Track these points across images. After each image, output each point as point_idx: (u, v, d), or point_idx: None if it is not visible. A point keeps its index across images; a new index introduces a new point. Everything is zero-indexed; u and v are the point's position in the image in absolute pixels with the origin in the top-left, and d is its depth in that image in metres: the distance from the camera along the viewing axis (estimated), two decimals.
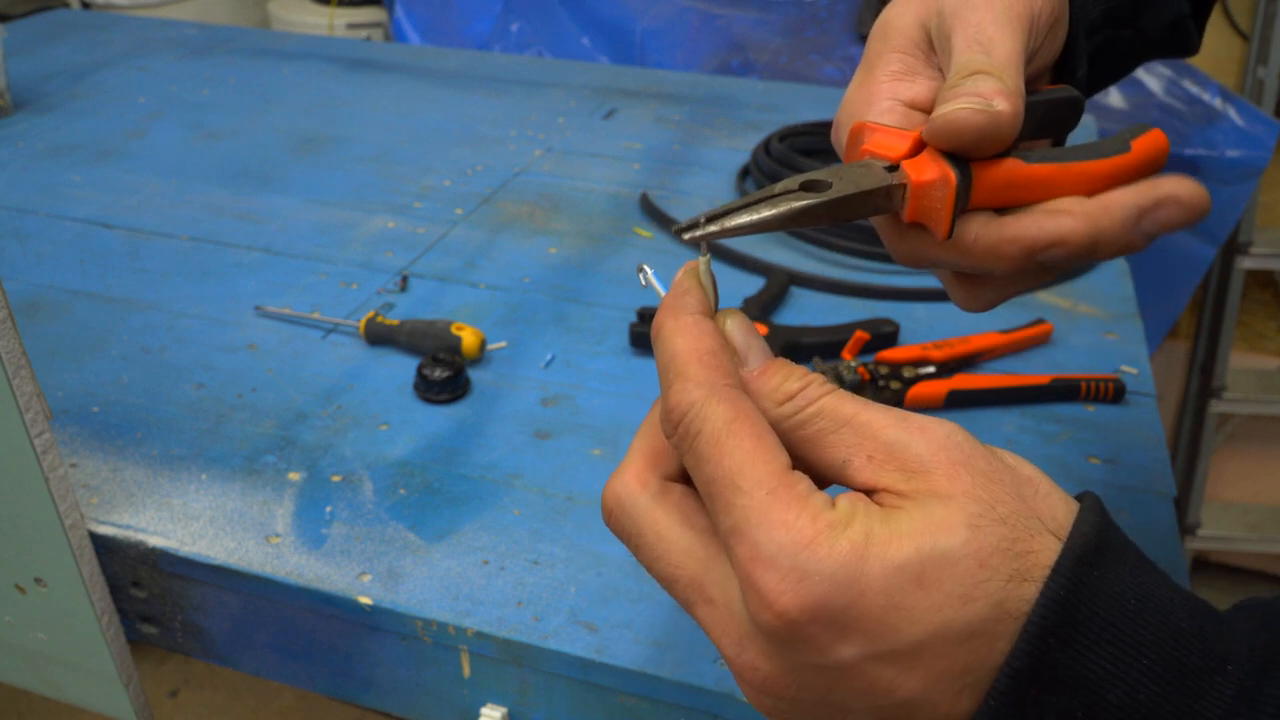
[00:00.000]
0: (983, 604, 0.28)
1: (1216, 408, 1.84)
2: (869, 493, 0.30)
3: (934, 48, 0.42)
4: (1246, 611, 0.30)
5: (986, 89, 0.36)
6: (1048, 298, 0.88)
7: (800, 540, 0.28)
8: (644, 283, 0.36)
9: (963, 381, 0.73)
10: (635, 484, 0.33)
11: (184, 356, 0.78)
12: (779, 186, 0.35)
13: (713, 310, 0.34)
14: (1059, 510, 0.30)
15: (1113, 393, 0.74)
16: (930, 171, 0.37)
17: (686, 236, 0.34)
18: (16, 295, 0.85)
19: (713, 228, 0.34)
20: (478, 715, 0.57)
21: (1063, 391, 0.73)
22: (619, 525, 0.33)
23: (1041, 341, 0.81)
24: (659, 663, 0.52)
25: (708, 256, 0.34)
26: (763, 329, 0.76)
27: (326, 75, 1.41)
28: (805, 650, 0.28)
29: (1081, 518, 0.29)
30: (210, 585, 0.60)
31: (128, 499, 0.63)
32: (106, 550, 0.60)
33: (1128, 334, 0.83)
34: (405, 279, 0.89)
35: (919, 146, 0.37)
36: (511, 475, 0.66)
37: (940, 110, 0.36)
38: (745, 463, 0.29)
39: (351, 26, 2.27)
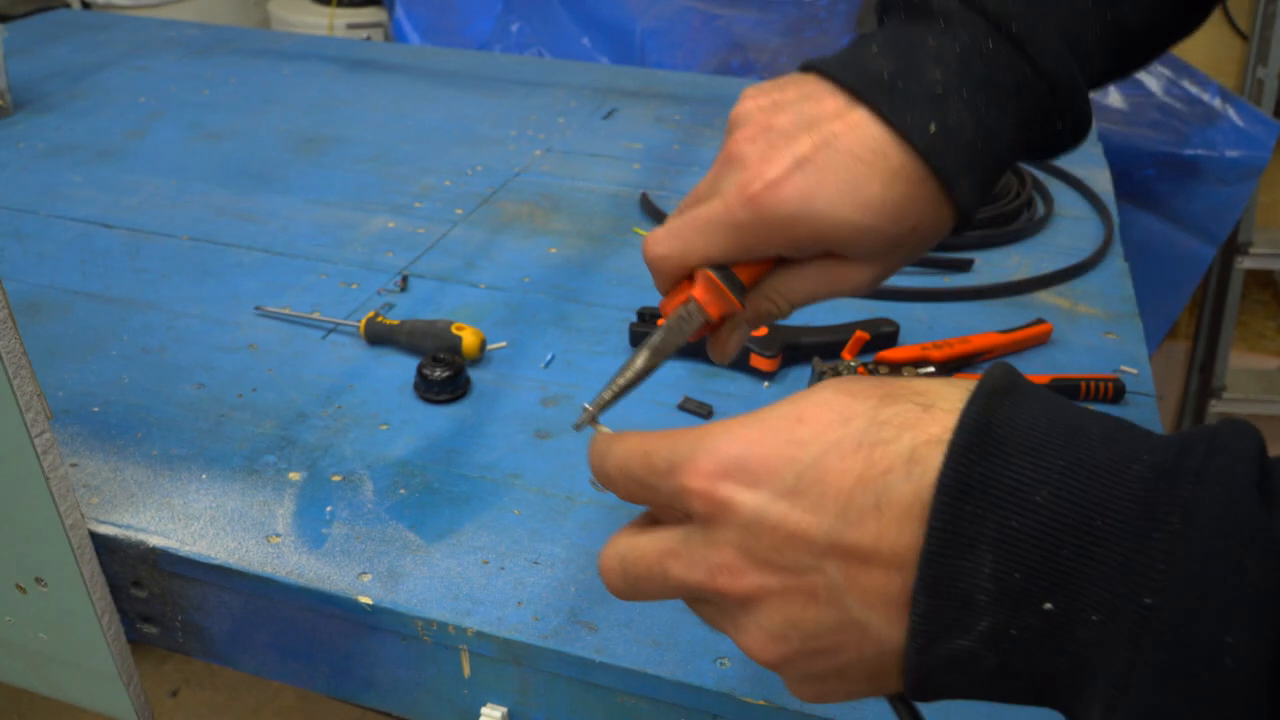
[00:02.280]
0: (862, 420, 0.32)
1: (1216, 408, 1.84)
2: None
3: (812, 249, 0.45)
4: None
5: (757, 324, 0.50)
6: (1048, 298, 0.88)
7: (698, 435, 0.35)
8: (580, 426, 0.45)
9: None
10: (622, 537, 0.39)
11: (184, 356, 0.78)
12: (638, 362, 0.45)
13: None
14: (955, 396, 0.32)
15: (1113, 393, 0.74)
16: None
17: (578, 427, 0.45)
18: (17, 295, 0.85)
19: (593, 409, 0.45)
20: (478, 715, 0.57)
21: (1063, 391, 0.73)
22: (622, 571, 0.38)
23: (1041, 341, 0.81)
24: (659, 663, 0.52)
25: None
26: (763, 330, 0.76)
27: (326, 75, 1.41)
28: (729, 515, 0.33)
29: (989, 371, 0.33)
30: (210, 585, 0.60)
31: (128, 499, 0.63)
32: (107, 550, 0.60)
33: (1128, 334, 0.83)
34: (405, 279, 0.89)
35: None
36: (511, 475, 0.66)
37: (724, 338, 0.48)
38: (644, 440, 0.37)
39: (351, 26, 2.27)
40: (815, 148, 0.43)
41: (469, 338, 0.75)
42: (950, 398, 0.32)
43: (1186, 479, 0.28)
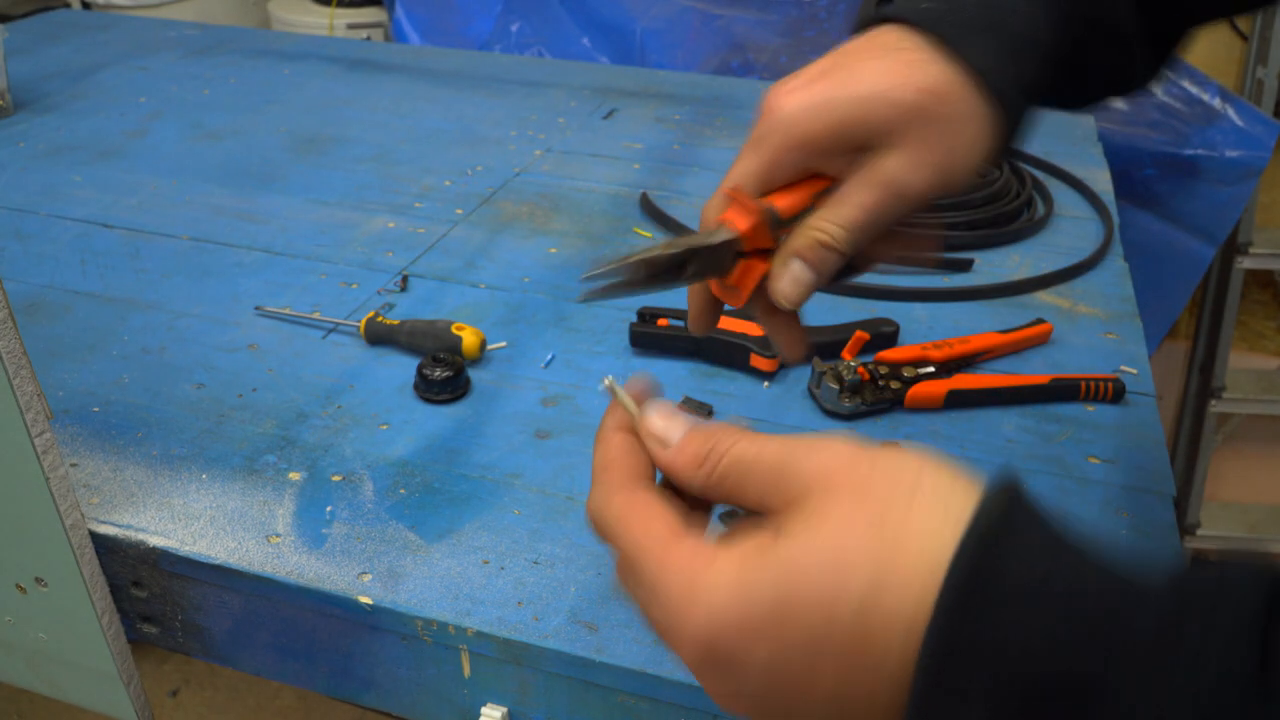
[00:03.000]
0: (848, 614, 0.30)
1: (1216, 408, 1.84)
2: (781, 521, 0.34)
3: (836, 148, 0.45)
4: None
5: (813, 259, 0.45)
6: (1048, 298, 0.88)
7: (680, 606, 0.33)
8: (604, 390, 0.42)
9: (962, 381, 0.73)
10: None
11: (184, 356, 0.78)
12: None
13: (630, 420, 0.39)
14: (934, 518, 0.31)
15: (1112, 393, 0.74)
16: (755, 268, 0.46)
17: (582, 298, 0.43)
18: (17, 295, 0.85)
19: (595, 284, 0.42)
20: (478, 715, 0.57)
21: (1062, 391, 0.74)
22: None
23: (1041, 341, 0.81)
24: (659, 663, 0.52)
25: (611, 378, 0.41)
26: (761, 330, 0.76)
27: (326, 75, 1.41)
28: (730, 666, 0.32)
29: (987, 499, 0.31)
30: (210, 585, 0.60)
31: (128, 499, 0.63)
32: (107, 550, 0.60)
33: (1127, 334, 0.83)
34: (405, 279, 0.89)
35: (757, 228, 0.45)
36: (511, 475, 0.66)
37: (775, 272, 0.46)
38: (639, 537, 0.35)
39: (351, 26, 2.27)
40: (833, 61, 0.45)
41: (469, 338, 0.75)
42: (940, 542, 0.30)
43: (1182, 657, 0.27)
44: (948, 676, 0.29)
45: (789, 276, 0.46)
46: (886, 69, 0.44)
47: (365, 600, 0.56)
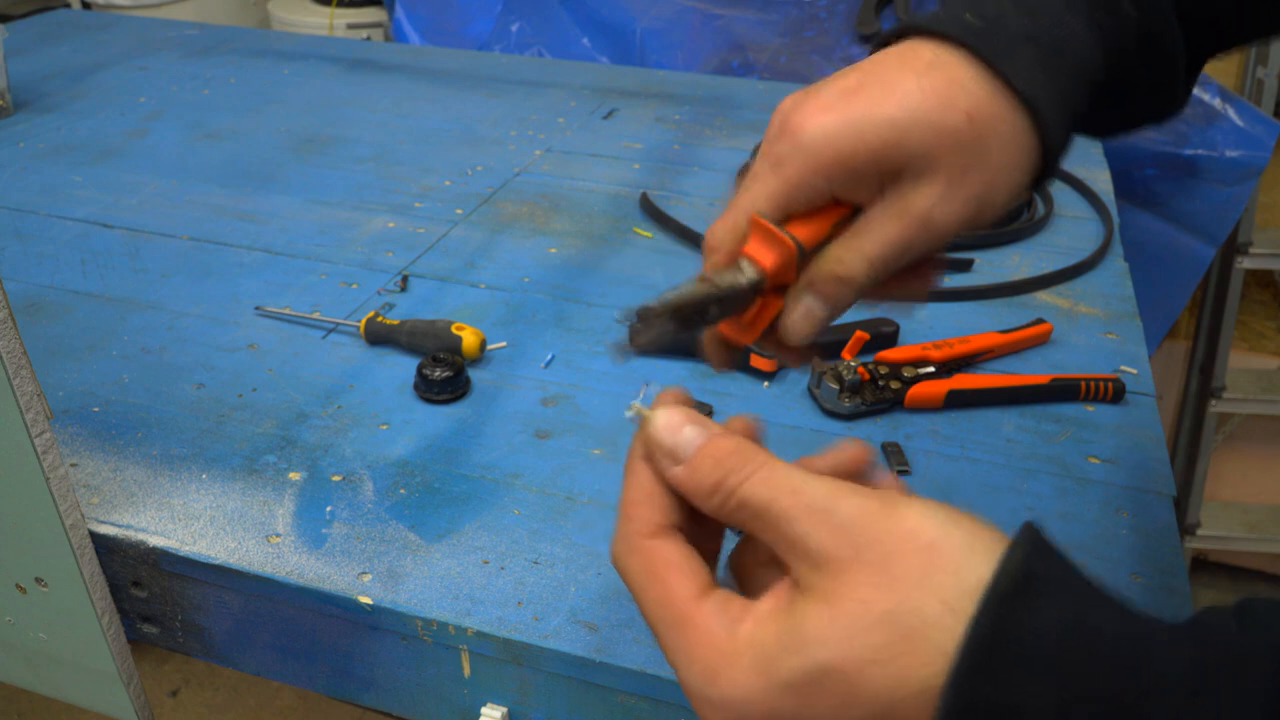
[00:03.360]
0: (864, 709, 0.31)
1: (1216, 407, 1.84)
2: (787, 571, 0.34)
3: (867, 174, 0.41)
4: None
5: (830, 293, 0.42)
6: (1048, 298, 0.88)
7: (706, 675, 0.33)
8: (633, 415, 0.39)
9: (962, 381, 0.73)
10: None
11: (184, 356, 0.78)
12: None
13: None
14: (949, 589, 0.30)
15: (1112, 393, 0.74)
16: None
17: (619, 360, 0.42)
18: (16, 295, 0.85)
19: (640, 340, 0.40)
20: (478, 715, 0.57)
21: (1062, 391, 0.74)
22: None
23: (1041, 341, 0.81)
24: (659, 663, 0.52)
25: (642, 392, 0.39)
26: None
27: (326, 75, 1.41)
28: None
29: (1007, 557, 0.30)
30: (210, 585, 0.60)
31: (128, 499, 0.63)
32: (107, 550, 0.60)
33: (1127, 334, 0.83)
34: (405, 279, 0.89)
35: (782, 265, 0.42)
36: (511, 475, 0.66)
37: (788, 307, 0.42)
38: (657, 608, 0.35)
39: (351, 26, 2.27)
40: (863, 77, 0.40)
41: (469, 338, 0.75)
42: (962, 601, 0.30)
43: None
44: None
45: (801, 311, 0.42)
46: (926, 89, 0.39)
47: (365, 600, 0.56)
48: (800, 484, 0.33)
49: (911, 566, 0.31)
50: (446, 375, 0.72)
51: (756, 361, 0.76)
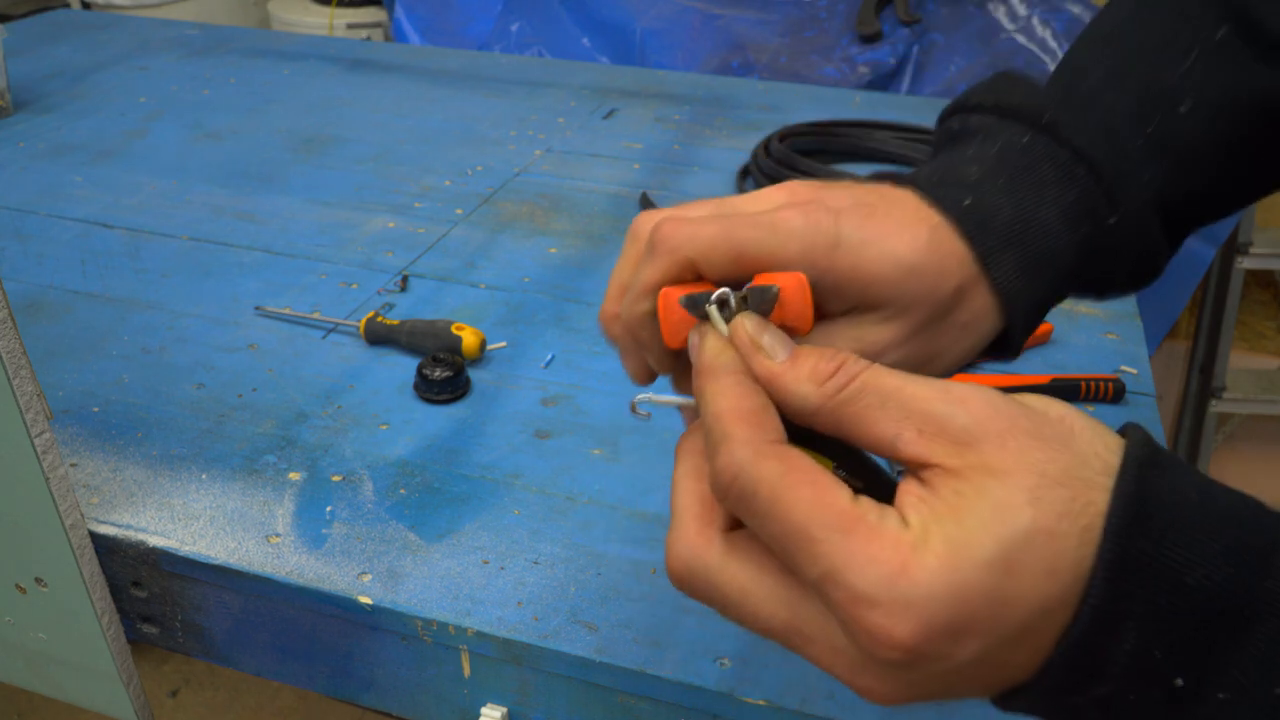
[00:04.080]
0: (1067, 574, 0.29)
1: (1216, 407, 1.84)
2: (920, 467, 0.31)
3: (850, 290, 0.39)
4: None
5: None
6: None
7: (894, 570, 0.28)
8: (645, 414, 0.37)
9: (962, 381, 0.73)
10: (700, 545, 0.33)
11: (184, 356, 0.78)
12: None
13: (740, 362, 0.34)
14: (1099, 446, 0.30)
15: (1112, 393, 0.74)
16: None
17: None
18: (16, 295, 0.85)
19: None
20: (478, 715, 0.57)
21: (1063, 391, 0.74)
22: (696, 591, 0.33)
23: (1041, 341, 0.81)
24: (659, 663, 0.52)
25: (714, 301, 0.35)
26: None
27: (326, 75, 1.41)
28: (929, 664, 0.29)
29: (1132, 438, 0.31)
30: (210, 585, 0.60)
31: (128, 499, 0.63)
32: (107, 550, 0.60)
33: (1127, 334, 0.83)
34: (405, 279, 0.89)
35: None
36: (511, 475, 0.66)
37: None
38: (811, 511, 0.30)
39: (351, 26, 2.27)
40: (875, 200, 0.40)
41: (469, 338, 0.75)
42: (1103, 459, 0.30)
43: None
44: (1119, 596, 0.28)
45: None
46: (933, 248, 0.39)
47: (365, 600, 0.56)
48: (916, 377, 0.32)
49: (1059, 434, 0.30)
50: (446, 375, 0.72)
51: None
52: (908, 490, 0.30)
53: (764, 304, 0.36)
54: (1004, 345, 0.43)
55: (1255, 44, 0.45)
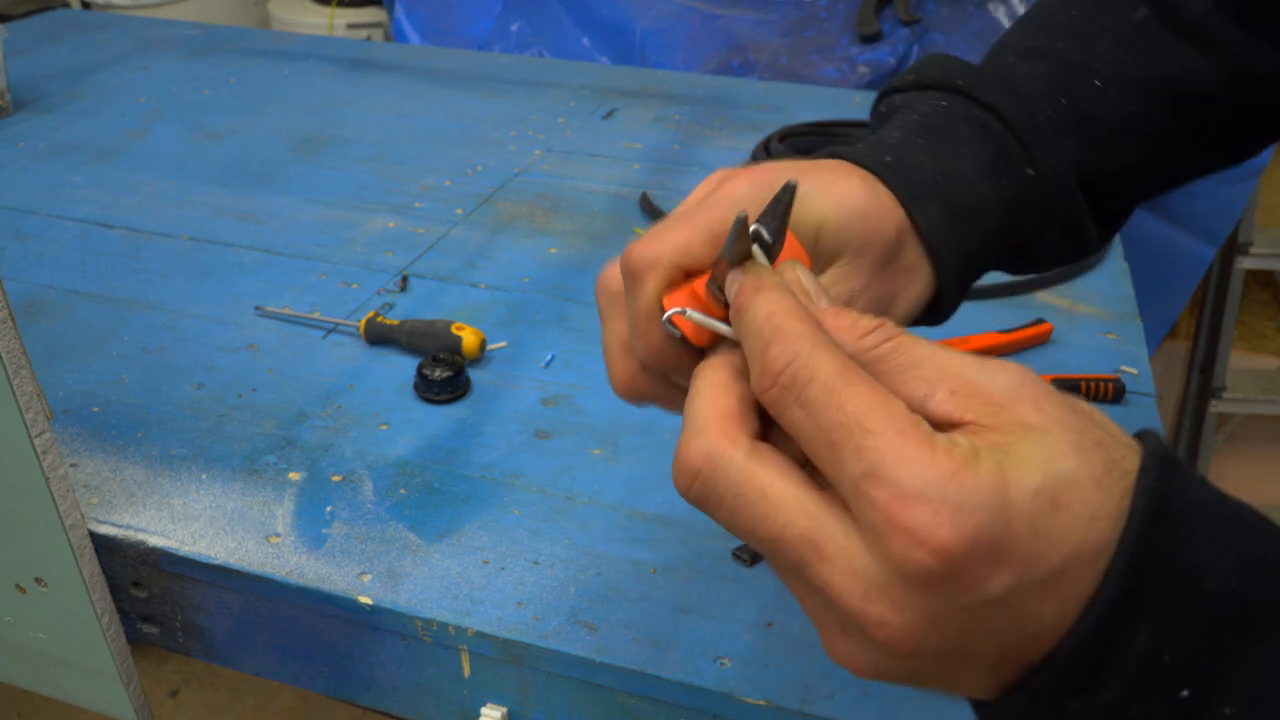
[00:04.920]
0: (1106, 521, 0.28)
1: (1216, 408, 1.84)
2: (952, 426, 0.30)
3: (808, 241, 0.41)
4: None
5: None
6: (1048, 298, 0.88)
7: (945, 473, 0.27)
8: (677, 333, 0.36)
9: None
10: (725, 442, 0.31)
11: (184, 356, 0.78)
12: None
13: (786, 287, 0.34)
14: (1120, 441, 0.31)
15: (1112, 393, 0.74)
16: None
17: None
18: (16, 295, 0.85)
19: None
20: (478, 715, 0.57)
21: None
22: (710, 488, 0.31)
23: (1041, 341, 0.81)
24: (659, 663, 0.52)
25: (751, 237, 0.35)
26: None
27: (326, 75, 1.41)
28: (959, 588, 0.28)
29: (1150, 436, 0.30)
30: (210, 585, 0.60)
31: (128, 499, 0.63)
32: (107, 550, 0.60)
33: (1127, 334, 0.83)
34: (405, 279, 0.89)
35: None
36: (511, 475, 0.66)
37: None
38: (869, 406, 0.29)
39: (351, 26, 2.27)
40: (790, 165, 0.42)
41: (469, 338, 0.75)
42: (1123, 453, 0.29)
43: None
44: (1136, 591, 0.28)
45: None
46: (869, 195, 0.41)
47: (365, 600, 0.56)
48: (948, 348, 0.32)
49: (1088, 412, 0.31)
50: (446, 375, 0.72)
51: None
52: (958, 432, 0.30)
53: (781, 211, 0.35)
54: (939, 303, 0.45)
55: (1172, 27, 0.48)
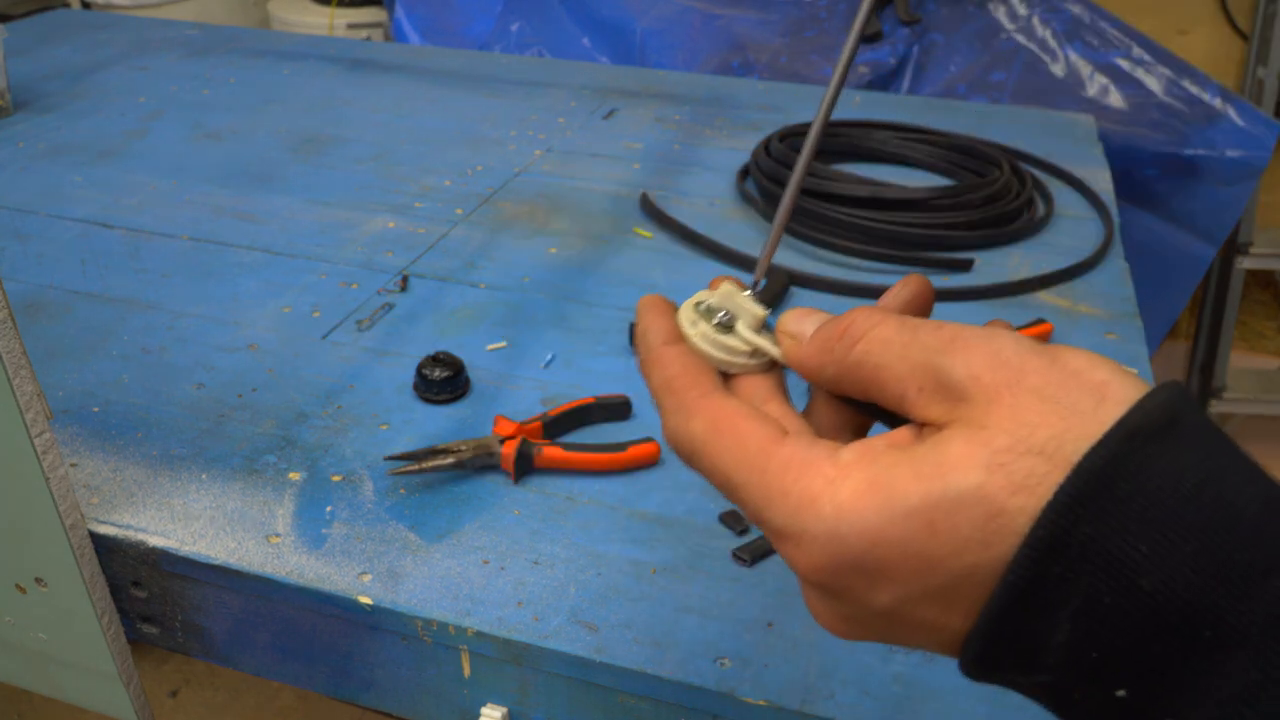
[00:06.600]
0: (1005, 547, 0.26)
1: (1216, 408, 1.84)
2: (924, 424, 0.30)
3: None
4: None
5: None
6: (1048, 298, 0.88)
7: (800, 503, 0.29)
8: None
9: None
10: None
11: (184, 356, 0.78)
12: None
13: (677, 333, 0.36)
14: (1121, 412, 0.27)
15: None
16: None
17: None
18: (16, 295, 0.85)
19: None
20: (478, 715, 0.57)
21: None
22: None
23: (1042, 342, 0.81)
24: (659, 663, 0.52)
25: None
26: None
27: (326, 75, 1.41)
28: (845, 601, 0.29)
29: (1149, 396, 0.27)
30: (210, 585, 0.60)
31: (128, 499, 0.63)
32: (107, 550, 0.60)
33: (1128, 334, 0.83)
34: (405, 279, 0.89)
35: None
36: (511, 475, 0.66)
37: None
38: (732, 458, 0.31)
39: (351, 26, 2.27)
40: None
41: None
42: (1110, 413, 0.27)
43: None
44: (1042, 581, 0.26)
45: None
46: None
47: (365, 600, 0.56)
48: (942, 323, 0.31)
49: (1084, 398, 0.27)
50: (446, 375, 0.72)
51: None
52: (888, 434, 0.30)
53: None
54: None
55: None
